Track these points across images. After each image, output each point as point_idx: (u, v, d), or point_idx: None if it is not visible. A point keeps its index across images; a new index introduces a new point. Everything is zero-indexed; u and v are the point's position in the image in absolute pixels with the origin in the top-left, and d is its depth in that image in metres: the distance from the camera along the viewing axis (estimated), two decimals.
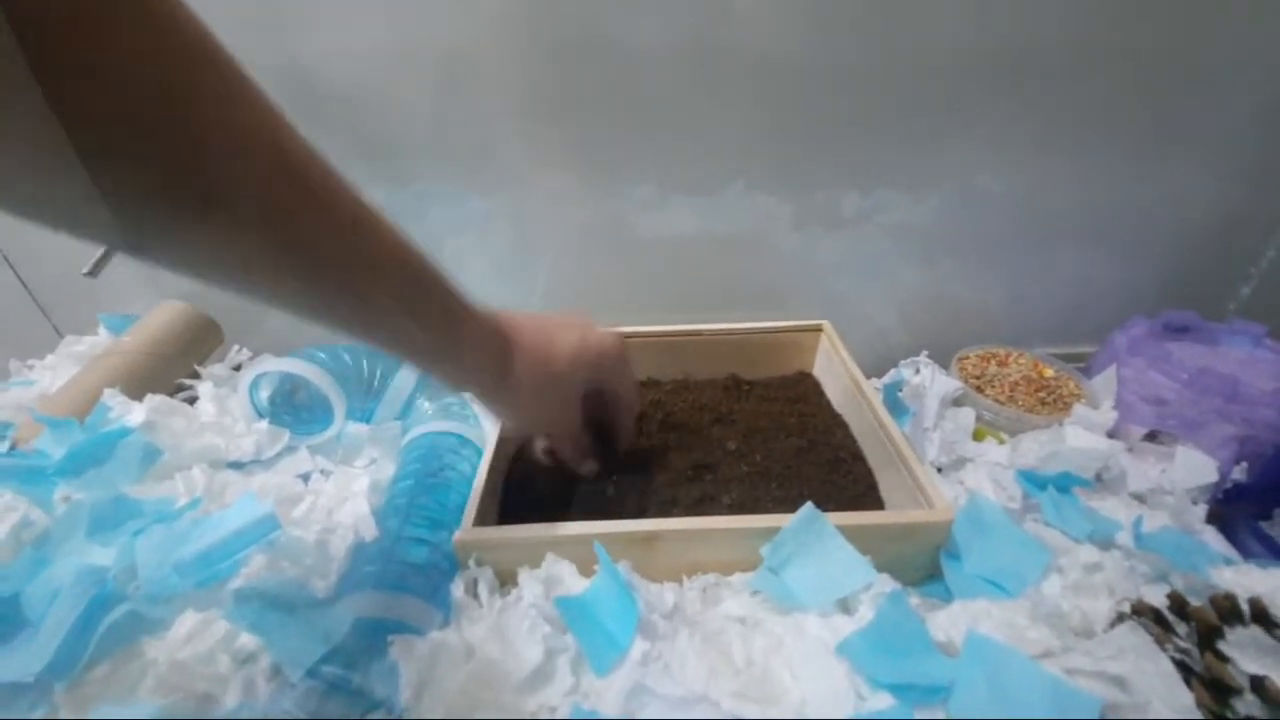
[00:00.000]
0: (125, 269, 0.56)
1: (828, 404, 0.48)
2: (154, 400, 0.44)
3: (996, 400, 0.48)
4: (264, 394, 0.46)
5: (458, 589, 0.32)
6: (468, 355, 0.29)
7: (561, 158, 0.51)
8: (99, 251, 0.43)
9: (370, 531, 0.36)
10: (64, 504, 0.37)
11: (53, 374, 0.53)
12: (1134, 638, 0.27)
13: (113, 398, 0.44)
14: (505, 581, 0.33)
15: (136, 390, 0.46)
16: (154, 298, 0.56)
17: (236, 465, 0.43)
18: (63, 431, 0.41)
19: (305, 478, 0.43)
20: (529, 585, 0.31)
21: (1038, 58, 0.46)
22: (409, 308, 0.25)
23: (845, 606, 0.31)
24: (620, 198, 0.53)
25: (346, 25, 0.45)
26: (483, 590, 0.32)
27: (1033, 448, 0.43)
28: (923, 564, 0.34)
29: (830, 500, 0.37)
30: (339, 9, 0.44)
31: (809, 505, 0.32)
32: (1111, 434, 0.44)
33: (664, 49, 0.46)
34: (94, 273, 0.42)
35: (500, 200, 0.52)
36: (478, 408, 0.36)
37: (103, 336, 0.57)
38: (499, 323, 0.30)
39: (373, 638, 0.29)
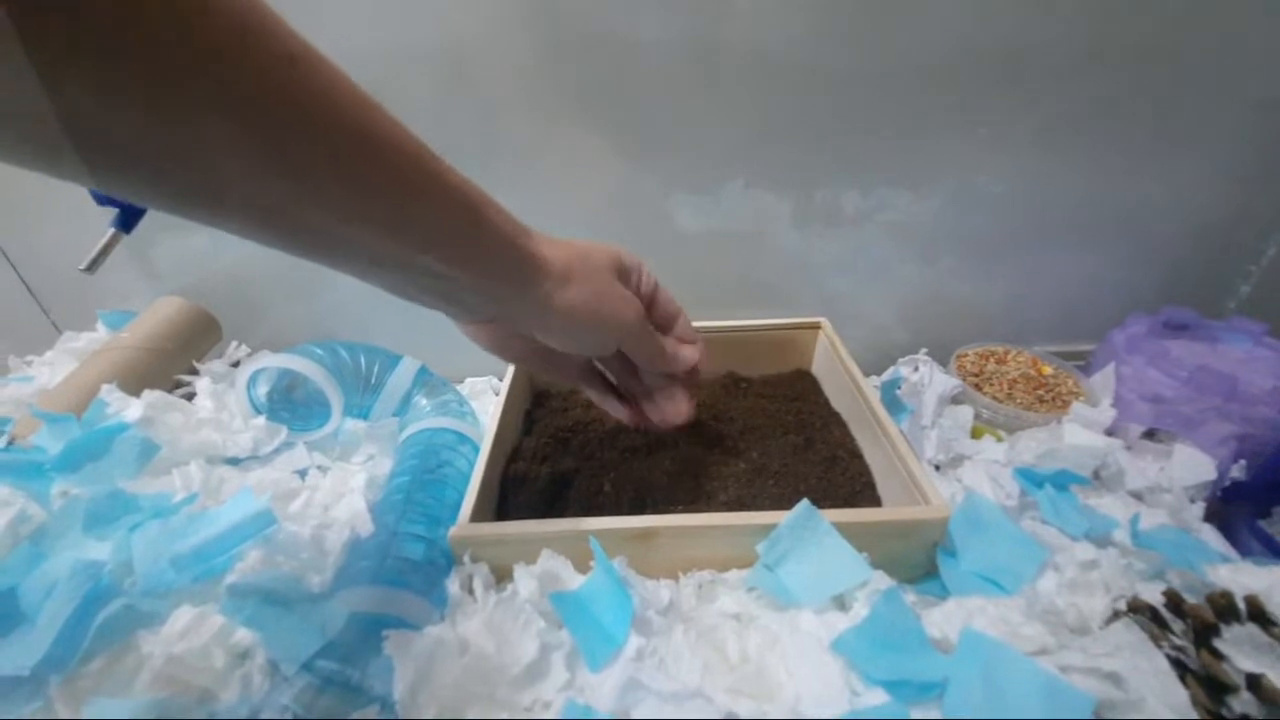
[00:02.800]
0: (124, 265, 0.56)
1: (826, 401, 0.48)
2: (151, 396, 0.44)
3: (995, 398, 0.48)
4: (261, 390, 0.46)
5: (453, 585, 0.32)
6: (486, 243, 0.24)
7: (560, 155, 0.51)
8: (96, 247, 0.43)
9: (366, 527, 0.36)
10: (62, 499, 0.37)
11: (51, 370, 0.53)
12: (1129, 635, 0.27)
13: (110, 393, 0.44)
14: (501, 578, 0.33)
15: (134, 386, 0.46)
16: (152, 294, 0.56)
17: (234, 461, 0.43)
18: (60, 427, 0.41)
19: (302, 474, 0.43)
20: (524, 581, 0.31)
21: (1039, 56, 0.46)
22: (419, 200, 0.21)
23: (841, 603, 0.31)
24: (620, 195, 0.53)
25: (347, 20, 0.45)
26: (478, 586, 0.32)
27: (1031, 445, 0.43)
28: (919, 561, 0.34)
29: (827, 497, 0.37)
30: (340, 4, 0.44)
31: (805, 502, 0.32)
32: (1110, 432, 0.44)
33: (665, 45, 0.46)
34: (91, 268, 0.42)
35: (498, 197, 0.52)
36: (516, 319, 0.28)
37: (101, 332, 0.57)
38: (514, 223, 0.26)
39: (368, 633, 0.29)
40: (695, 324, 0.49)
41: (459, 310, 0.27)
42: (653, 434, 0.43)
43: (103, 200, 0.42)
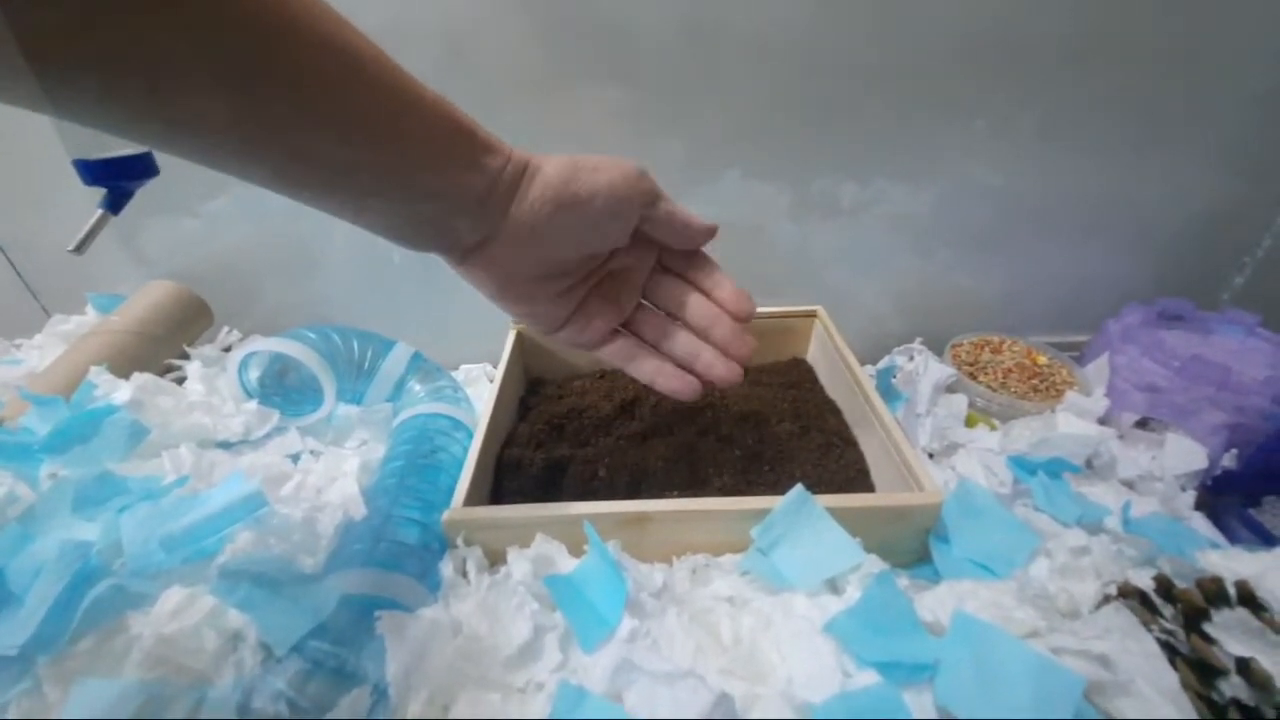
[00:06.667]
0: (114, 248, 0.56)
1: (821, 389, 0.48)
2: (141, 379, 0.43)
3: (989, 387, 0.48)
4: (253, 374, 0.46)
5: (446, 568, 0.32)
6: (478, 154, 0.24)
7: (555, 141, 0.51)
8: (84, 228, 0.42)
9: (359, 511, 0.36)
10: (50, 481, 0.37)
11: (40, 353, 0.53)
12: (1119, 618, 0.27)
13: (98, 376, 0.43)
14: (495, 561, 0.33)
15: (124, 369, 0.46)
16: (143, 278, 0.56)
17: (225, 445, 0.43)
18: (49, 409, 0.40)
19: (295, 458, 0.42)
20: (518, 564, 0.31)
21: (1037, 49, 0.46)
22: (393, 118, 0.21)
23: (834, 587, 0.31)
24: None
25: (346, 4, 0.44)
26: (471, 569, 0.32)
27: (1024, 434, 0.43)
28: (912, 547, 0.34)
29: (822, 484, 0.37)
30: None
31: (799, 487, 0.32)
32: (1103, 421, 0.44)
33: (662, 33, 0.46)
34: (79, 249, 0.42)
35: None
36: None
37: (90, 316, 0.56)
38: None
39: (361, 615, 0.29)
40: None
41: (451, 240, 0.26)
42: (648, 420, 0.43)
43: (90, 181, 0.42)
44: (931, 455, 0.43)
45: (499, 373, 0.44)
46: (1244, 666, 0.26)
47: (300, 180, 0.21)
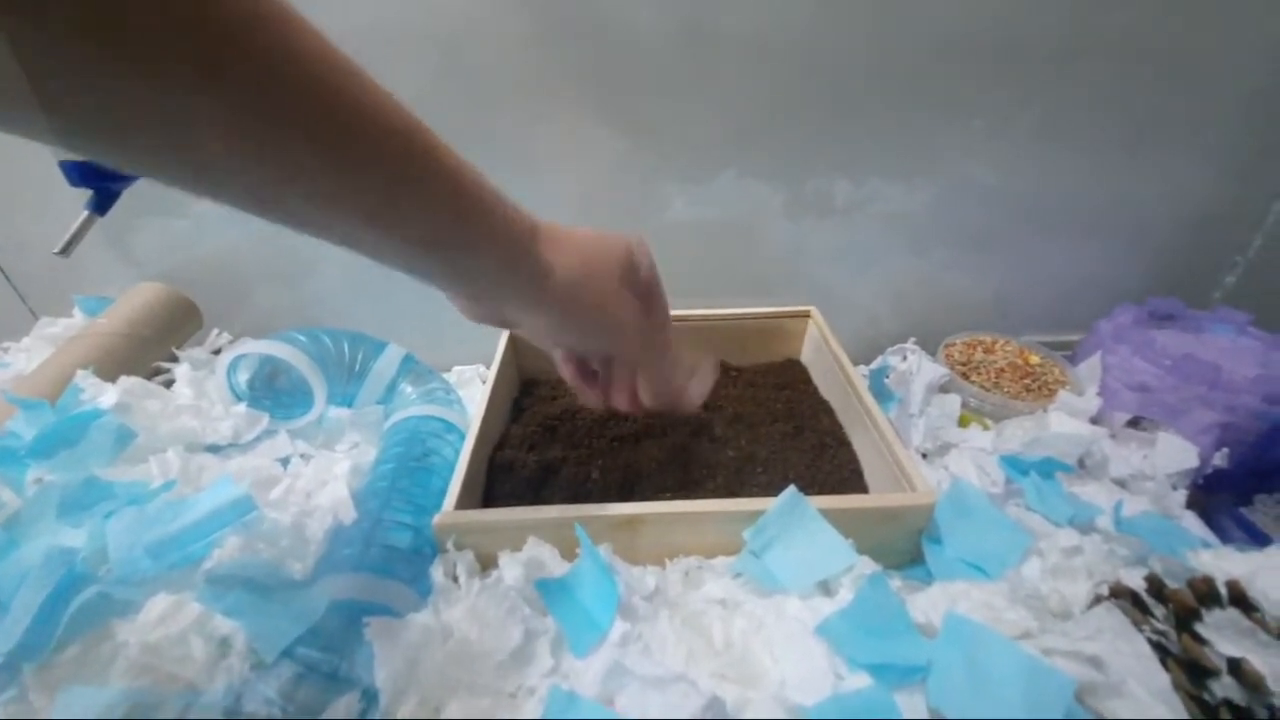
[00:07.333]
0: (102, 250, 0.55)
1: (815, 390, 0.48)
2: (127, 382, 0.43)
3: (982, 387, 0.48)
4: (242, 377, 0.45)
5: (437, 572, 0.32)
6: (482, 237, 0.23)
7: (553, 142, 0.51)
8: (70, 229, 0.41)
9: (349, 515, 0.35)
10: (35, 486, 0.36)
11: (28, 356, 0.52)
12: (1111, 619, 0.27)
13: (85, 379, 0.43)
14: (486, 565, 0.33)
15: (112, 372, 0.45)
16: (131, 280, 0.55)
17: (214, 449, 0.43)
18: (34, 413, 0.40)
19: (284, 462, 0.42)
20: (509, 568, 0.31)
21: (1031, 48, 0.46)
22: (406, 172, 0.20)
23: (826, 588, 0.31)
24: (613, 184, 0.53)
25: (343, 3, 0.44)
26: (462, 573, 0.32)
27: (1017, 433, 0.43)
28: (905, 548, 0.34)
29: (815, 485, 0.37)
30: None
31: (791, 489, 0.31)
32: (1095, 420, 0.44)
33: (658, 34, 0.46)
34: (65, 251, 0.41)
35: (494, 182, 0.51)
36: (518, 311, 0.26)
37: (78, 318, 0.56)
38: (518, 211, 0.25)
39: (351, 620, 0.29)
40: (686, 313, 0.50)
41: (450, 289, 0.26)
42: (641, 422, 0.43)
43: (76, 182, 0.41)
44: (925, 455, 0.43)
45: (492, 374, 0.44)
46: (1235, 667, 0.26)
47: (283, 222, 0.20)
